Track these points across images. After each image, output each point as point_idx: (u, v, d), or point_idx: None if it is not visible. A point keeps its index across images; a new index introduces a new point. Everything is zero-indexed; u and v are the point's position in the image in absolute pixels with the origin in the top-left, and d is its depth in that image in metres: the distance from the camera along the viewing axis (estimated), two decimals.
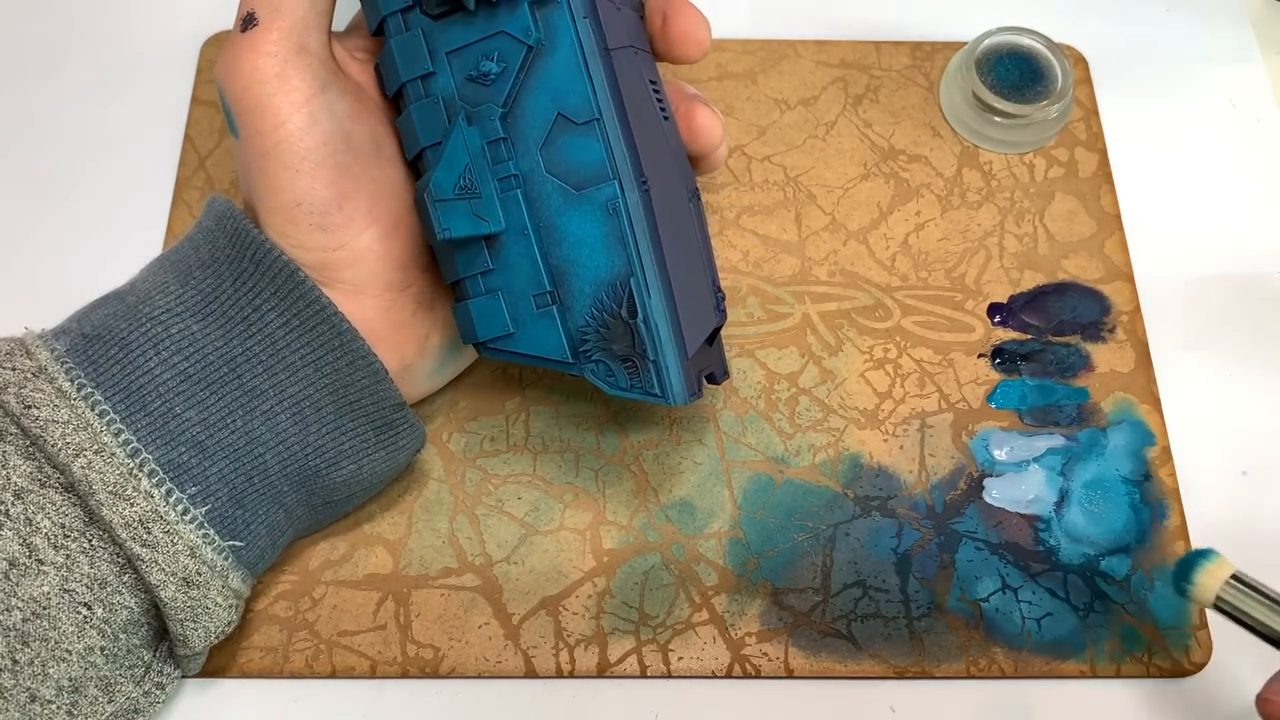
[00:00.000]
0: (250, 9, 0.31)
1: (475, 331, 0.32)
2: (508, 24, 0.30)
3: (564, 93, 0.30)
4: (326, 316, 0.31)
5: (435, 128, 0.31)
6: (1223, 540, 0.36)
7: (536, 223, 0.30)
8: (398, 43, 0.31)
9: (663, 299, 0.30)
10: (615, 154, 0.30)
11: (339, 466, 0.33)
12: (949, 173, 0.43)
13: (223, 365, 0.31)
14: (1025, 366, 0.40)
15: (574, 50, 0.29)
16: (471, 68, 0.30)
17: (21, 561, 0.29)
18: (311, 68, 0.30)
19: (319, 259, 0.31)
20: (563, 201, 0.30)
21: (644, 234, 0.30)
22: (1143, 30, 0.47)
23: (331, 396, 0.32)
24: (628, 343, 0.30)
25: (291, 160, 0.30)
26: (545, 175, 0.30)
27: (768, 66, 0.45)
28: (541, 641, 0.35)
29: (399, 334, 0.33)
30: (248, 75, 0.30)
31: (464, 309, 0.32)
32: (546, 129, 0.30)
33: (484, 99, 0.30)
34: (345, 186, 0.31)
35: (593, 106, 0.30)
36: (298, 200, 0.31)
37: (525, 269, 0.31)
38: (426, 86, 0.31)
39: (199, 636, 0.31)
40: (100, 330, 0.31)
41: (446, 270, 0.32)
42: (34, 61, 0.45)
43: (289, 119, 0.30)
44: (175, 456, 0.30)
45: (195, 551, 0.30)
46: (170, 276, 0.32)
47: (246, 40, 0.30)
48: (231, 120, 0.31)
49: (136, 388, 0.30)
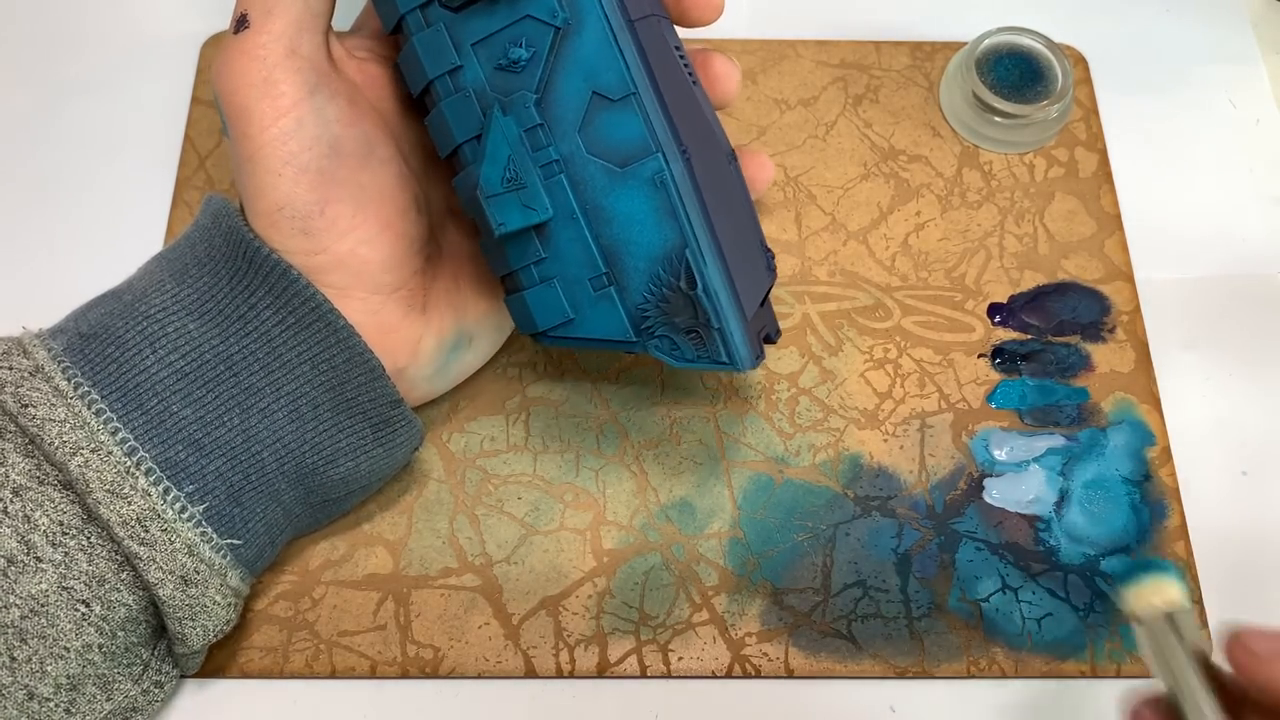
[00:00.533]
0: (244, 10, 0.31)
1: (534, 321, 0.31)
2: (532, 7, 0.29)
3: (597, 70, 0.29)
4: (323, 314, 0.31)
5: (470, 122, 0.30)
6: (1223, 540, 0.36)
7: (583, 205, 0.30)
8: (420, 40, 0.30)
9: (719, 266, 0.30)
10: (655, 126, 0.29)
11: (336, 464, 0.33)
12: (949, 173, 0.43)
13: (219, 363, 0.31)
14: (1025, 366, 0.40)
15: (602, 26, 0.29)
16: (499, 56, 0.30)
17: (20, 559, 0.29)
18: (301, 71, 0.30)
19: (302, 262, 0.31)
20: (608, 181, 0.30)
21: (692, 203, 0.30)
22: (1143, 30, 0.47)
23: (328, 394, 0.32)
24: (690, 314, 0.30)
25: (274, 165, 0.30)
26: (587, 156, 0.30)
27: (768, 66, 0.45)
28: (541, 641, 0.35)
29: (388, 337, 0.33)
30: (236, 78, 0.30)
31: (520, 300, 0.31)
32: (583, 109, 0.30)
33: (516, 87, 0.30)
34: (328, 192, 0.31)
35: (628, 81, 0.29)
36: (279, 204, 0.31)
37: (578, 253, 0.30)
38: (455, 81, 0.30)
39: (197, 635, 0.31)
40: (97, 329, 0.31)
41: (496, 264, 0.32)
42: (34, 61, 0.45)
43: (274, 124, 0.30)
44: (172, 455, 0.30)
45: (193, 550, 0.30)
46: (167, 275, 0.32)
47: (238, 43, 0.30)
48: (224, 121, 0.31)
49: (133, 386, 0.30)
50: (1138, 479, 0.38)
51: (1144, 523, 0.37)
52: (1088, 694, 0.35)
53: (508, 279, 0.32)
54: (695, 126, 0.31)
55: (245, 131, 0.30)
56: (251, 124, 0.30)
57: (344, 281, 0.32)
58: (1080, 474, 0.38)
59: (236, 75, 0.30)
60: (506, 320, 0.37)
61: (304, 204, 0.31)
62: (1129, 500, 0.37)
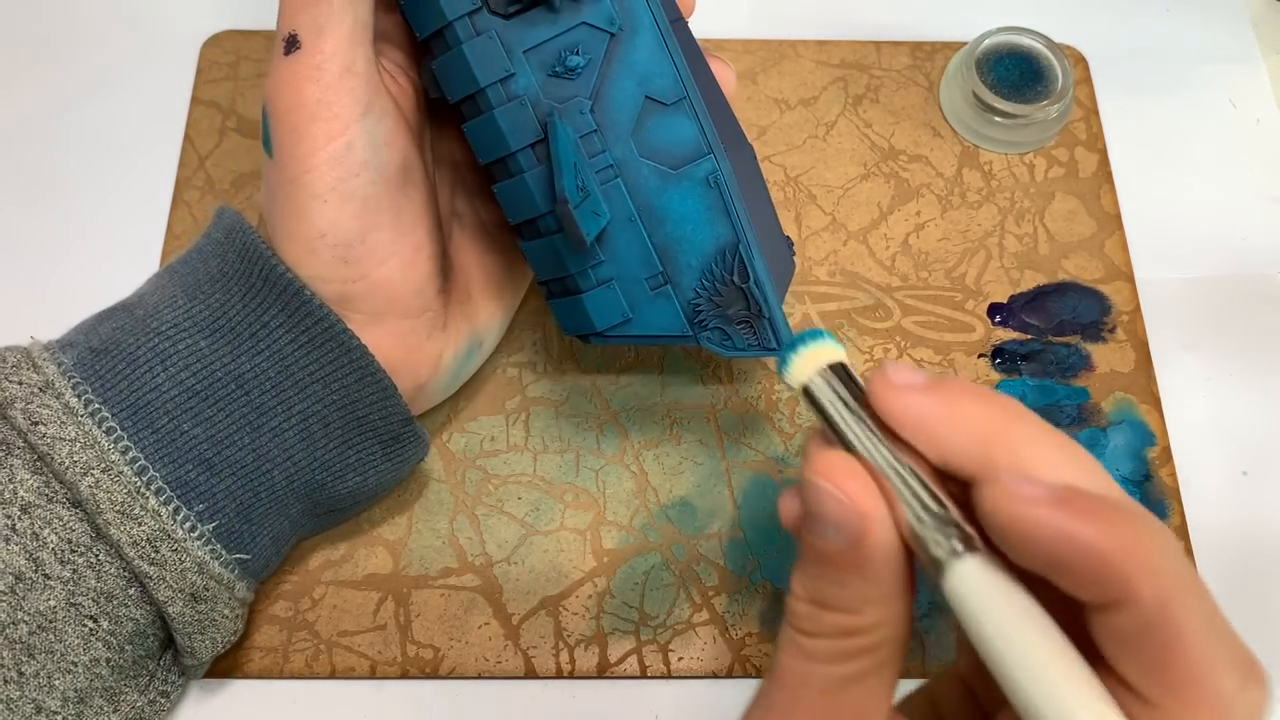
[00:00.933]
0: (292, 30, 0.29)
1: (592, 323, 0.32)
2: (590, 15, 0.29)
3: (650, 75, 0.30)
4: (335, 334, 0.31)
5: (526, 130, 0.30)
6: (1224, 540, 0.36)
7: (638, 206, 0.31)
8: (471, 48, 0.29)
9: (763, 258, 0.31)
10: (706, 129, 0.30)
11: (345, 479, 0.33)
12: (949, 173, 0.43)
13: (230, 382, 0.30)
14: (1025, 367, 0.40)
15: (654, 32, 0.30)
16: (553, 63, 0.30)
17: (28, 576, 0.28)
18: (355, 91, 0.30)
19: (338, 290, 0.31)
20: (661, 182, 0.31)
21: (739, 200, 0.31)
22: (1143, 30, 0.47)
23: (340, 413, 0.31)
24: (742, 305, 0.31)
25: (320, 189, 0.30)
26: (640, 159, 0.30)
27: (768, 66, 0.45)
28: (541, 642, 0.35)
29: (414, 357, 0.33)
30: (290, 100, 0.29)
31: (576, 304, 0.32)
32: (635, 113, 0.30)
33: (570, 93, 0.30)
34: (370, 220, 0.30)
35: (680, 86, 0.30)
36: (321, 231, 0.30)
37: (635, 254, 0.31)
38: (508, 88, 0.30)
39: (206, 648, 0.31)
40: (108, 344, 0.30)
41: (547, 269, 0.32)
42: (33, 61, 0.45)
43: (324, 147, 0.29)
44: (183, 474, 0.30)
45: (203, 567, 0.30)
46: (179, 290, 0.31)
47: (290, 65, 0.29)
48: (268, 139, 0.30)
49: (144, 404, 0.30)
50: (1138, 479, 0.38)
51: None
52: None
53: (556, 283, 0.32)
54: (724, 123, 0.32)
55: (293, 153, 0.30)
56: (301, 145, 0.29)
57: (377, 307, 0.31)
58: None
59: (290, 96, 0.29)
60: (508, 319, 0.37)
61: (346, 232, 0.30)
62: None
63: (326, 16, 0.29)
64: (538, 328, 0.40)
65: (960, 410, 0.22)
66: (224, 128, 0.43)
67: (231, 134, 0.43)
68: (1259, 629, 0.36)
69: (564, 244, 0.31)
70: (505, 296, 0.36)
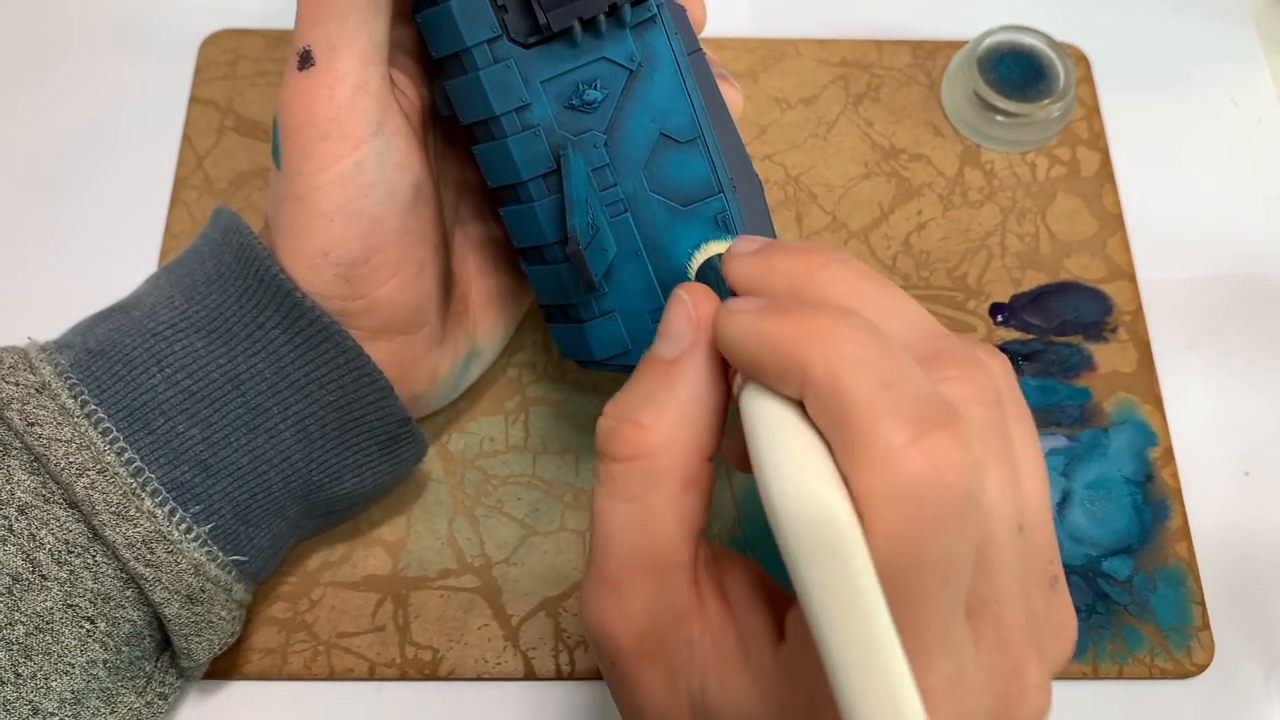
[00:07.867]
0: (306, 45, 0.29)
1: (591, 352, 0.31)
2: (610, 51, 0.29)
3: (666, 113, 0.30)
4: (330, 335, 0.30)
5: (540, 160, 0.30)
6: (1225, 541, 0.36)
7: (644, 240, 0.30)
8: (489, 75, 0.29)
9: None
10: (718, 167, 0.30)
11: (342, 480, 0.32)
12: (950, 172, 0.43)
13: (226, 383, 0.30)
14: (1027, 366, 0.40)
15: (673, 70, 0.29)
16: (570, 95, 0.29)
17: (25, 577, 0.28)
18: (367, 111, 0.29)
19: (338, 307, 0.30)
20: (669, 218, 0.30)
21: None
22: (1145, 29, 0.47)
23: (336, 414, 0.31)
24: None
25: (327, 208, 0.29)
26: (650, 195, 0.30)
27: (768, 65, 0.45)
28: (541, 643, 0.35)
29: (410, 371, 0.33)
30: (300, 117, 0.29)
31: (577, 332, 0.31)
32: (649, 149, 0.30)
33: (585, 126, 0.29)
34: (376, 240, 0.30)
35: (696, 124, 0.30)
36: (325, 250, 0.30)
37: (639, 288, 0.31)
38: (523, 118, 0.29)
39: (203, 650, 0.31)
40: (104, 345, 0.30)
41: (549, 295, 0.32)
42: (32, 61, 0.45)
43: (333, 166, 0.29)
44: (179, 476, 0.29)
45: (199, 569, 0.30)
46: (175, 291, 0.31)
47: (303, 81, 0.29)
48: (277, 152, 0.30)
49: (140, 405, 0.30)
50: (1140, 479, 0.38)
51: (1146, 523, 0.37)
52: (1090, 695, 0.35)
53: (556, 309, 0.32)
54: (735, 157, 0.31)
55: (301, 170, 0.29)
56: (309, 163, 0.29)
57: (375, 325, 0.31)
58: (1082, 474, 0.38)
59: (301, 113, 0.29)
60: (510, 331, 0.37)
61: (350, 252, 0.30)
62: (1131, 501, 0.37)
63: (340, 34, 0.29)
64: (538, 328, 0.39)
65: (774, 265, 0.24)
66: (222, 127, 0.43)
67: (230, 133, 0.43)
68: (1260, 629, 0.36)
69: (569, 274, 0.30)
70: (508, 309, 0.36)
